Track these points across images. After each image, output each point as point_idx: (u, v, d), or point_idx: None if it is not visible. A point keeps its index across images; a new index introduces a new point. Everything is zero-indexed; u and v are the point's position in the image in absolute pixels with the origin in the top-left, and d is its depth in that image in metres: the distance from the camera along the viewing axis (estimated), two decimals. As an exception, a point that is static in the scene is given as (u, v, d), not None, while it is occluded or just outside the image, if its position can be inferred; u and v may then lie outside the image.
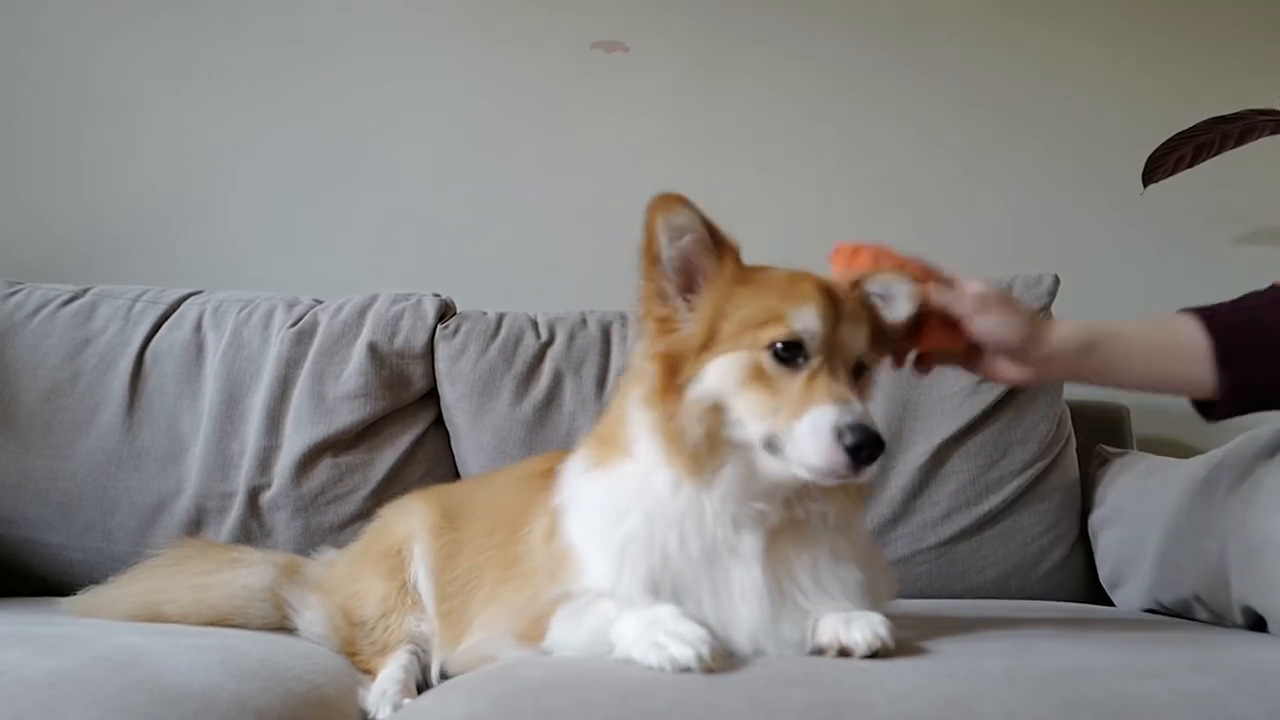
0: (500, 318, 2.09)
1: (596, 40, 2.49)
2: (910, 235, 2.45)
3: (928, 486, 1.93)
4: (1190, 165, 2.19)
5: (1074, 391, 2.08)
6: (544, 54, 2.50)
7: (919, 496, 1.92)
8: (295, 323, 2.03)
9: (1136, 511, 1.78)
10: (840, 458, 1.03)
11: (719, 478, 1.12)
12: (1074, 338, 1.26)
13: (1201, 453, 1.73)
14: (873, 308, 1.19)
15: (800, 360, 1.10)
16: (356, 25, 2.51)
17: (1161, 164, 2.20)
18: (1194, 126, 2.18)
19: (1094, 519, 1.94)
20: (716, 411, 1.12)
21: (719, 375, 1.12)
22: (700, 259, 1.17)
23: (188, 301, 2.09)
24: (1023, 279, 2.04)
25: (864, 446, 1.03)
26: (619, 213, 2.48)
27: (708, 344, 1.13)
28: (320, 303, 2.10)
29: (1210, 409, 1.30)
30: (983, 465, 1.93)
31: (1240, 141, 2.17)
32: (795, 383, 1.09)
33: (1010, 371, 1.28)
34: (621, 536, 1.15)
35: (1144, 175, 2.22)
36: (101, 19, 2.48)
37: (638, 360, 1.19)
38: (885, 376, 1.96)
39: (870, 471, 1.05)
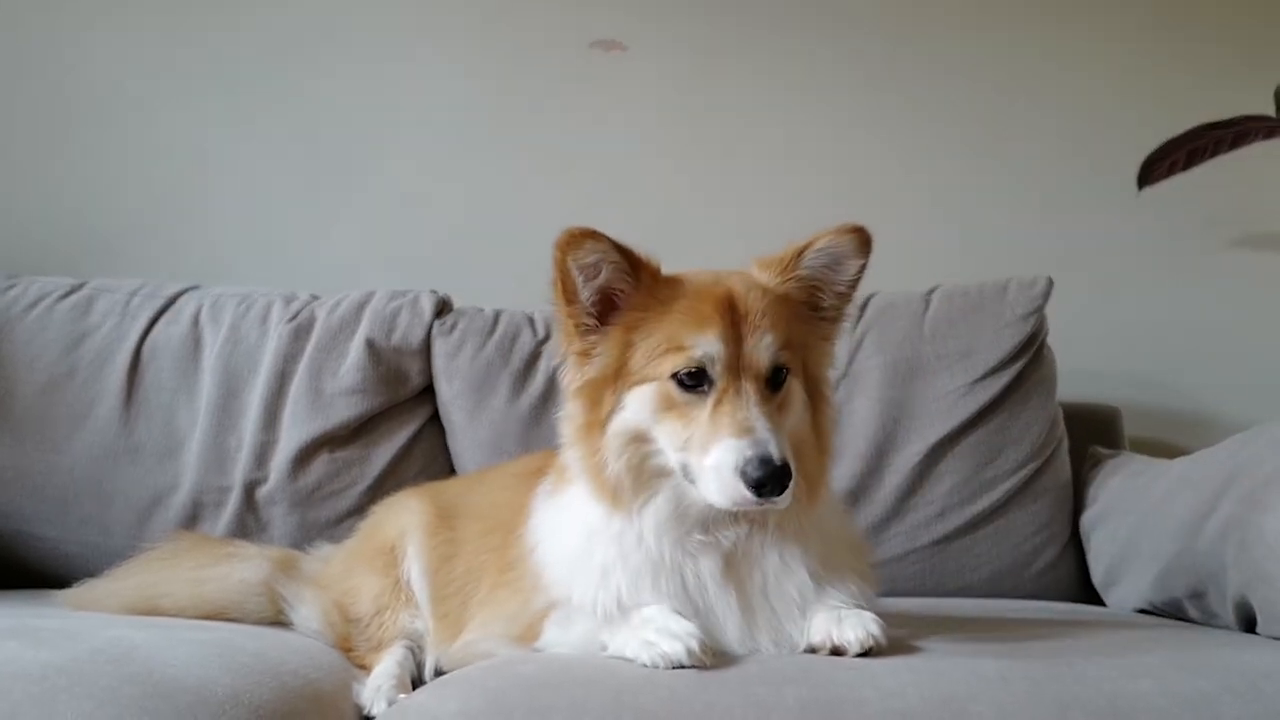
0: (497, 315, 2.09)
1: (594, 39, 2.49)
2: (907, 236, 2.46)
3: (922, 486, 1.93)
4: (1184, 170, 2.20)
5: (1067, 393, 2.09)
6: (542, 53, 2.50)
7: (913, 496, 1.93)
8: (293, 318, 2.03)
9: (1128, 512, 1.79)
10: (745, 494, 1.03)
11: (649, 508, 1.13)
12: None
13: (1191, 453, 1.74)
14: (797, 296, 1.18)
15: (706, 386, 1.09)
16: (355, 23, 2.50)
17: (1156, 168, 2.21)
18: (1188, 131, 2.19)
19: (1086, 519, 1.95)
20: (640, 442, 1.12)
21: (635, 407, 1.12)
22: (618, 284, 1.15)
23: (185, 296, 2.09)
24: (1017, 281, 2.05)
25: (765, 483, 1.02)
26: (617, 210, 2.50)
27: (622, 374, 1.13)
28: (318, 298, 2.10)
29: None
30: (976, 465, 1.94)
31: (1234, 146, 2.18)
32: (703, 411, 1.08)
33: None
34: (568, 553, 1.18)
35: (1138, 179, 2.23)
36: (98, 14, 2.47)
37: (566, 394, 1.19)
38: (880, 374, 1.99)
39: (782, 499, 1.04)
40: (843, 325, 1.25)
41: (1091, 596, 1.92)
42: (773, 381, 1.12)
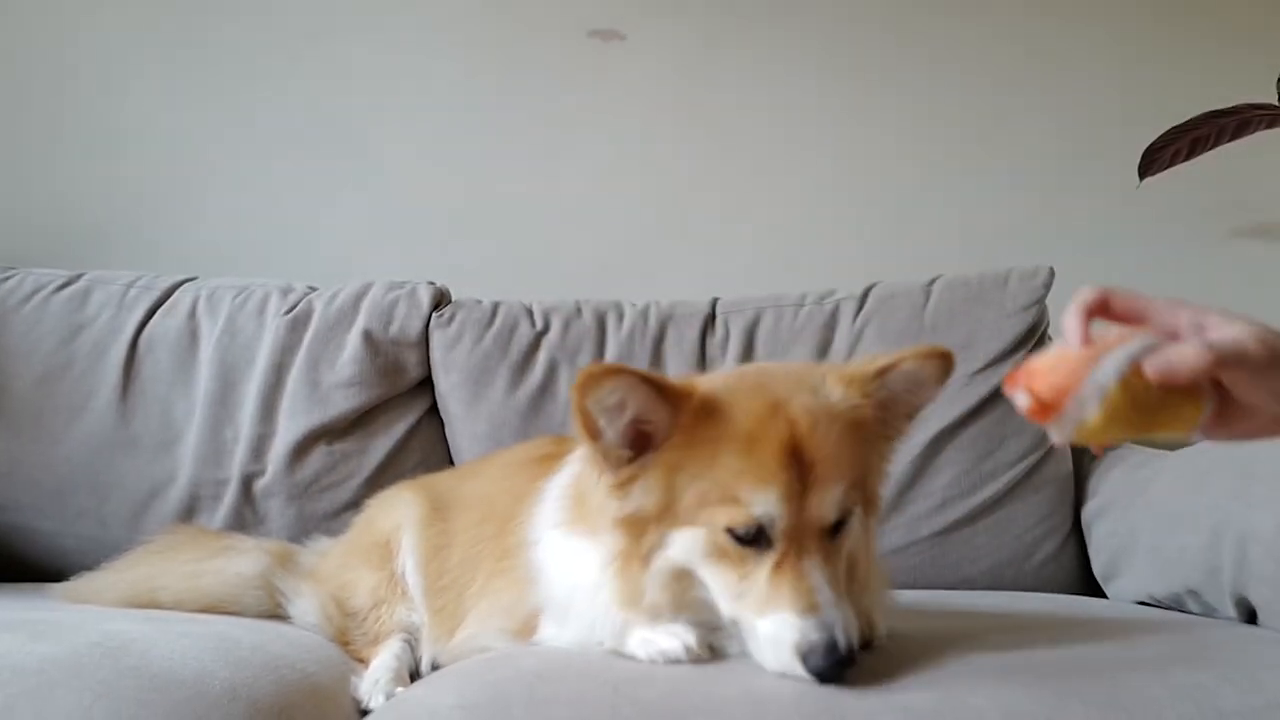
0: (495, 306, 2.09)
1: (593, 29, 2.48)
2: (908, 226, 2.46)
3: (922, 477, 1.93)
4: (1186, 159, 2.19)
5: (1068, 384, 2.08)
6: (540, 42, 2.49)
7: (913, 487, 1.92)
8: (290, 310, 2.02)
9: (1129, 504, 1.78)
10: (801, 675, 0.96)
11: (678, 620, 1.06)
12: None
13: (1193, 445, 1.73)
14: (867, 418, 1.06)
15: (764, 542, 0.99)
16: (352, 12, 2.49)
17: (1158, 157, 2.20)
18: (1190, 120, 2.18)
19: (1087, 511, 1.95)
20: (685, 579, 1.04)
21: (683, 549, 1.02)
22: (651, 417, 1.01)
23: (182, 288, 2.08)
24: (1019, 272, 2.04)
25: (827, 675, 0.94)
26: (615, 202, 2.50)
27: (667, 514, 1.02)
28: (315, 290, 2.09)
29: None
30: (977, 456, 1.93)
31: (1236, 135, 2.17)
32: (760, 568, 0.99)
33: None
34: (572, 584, 1.13)
35: (1140, 169, 2.22)
36: (94, 6, 2.46)
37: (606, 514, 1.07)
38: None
39: (851, 684, 0.96)
40: (900, 444, 1.15)
41: (1092, 589, 1.91)
42: (835, 528, 1.02)
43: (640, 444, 1.02)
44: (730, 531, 0.99)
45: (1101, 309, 0.96)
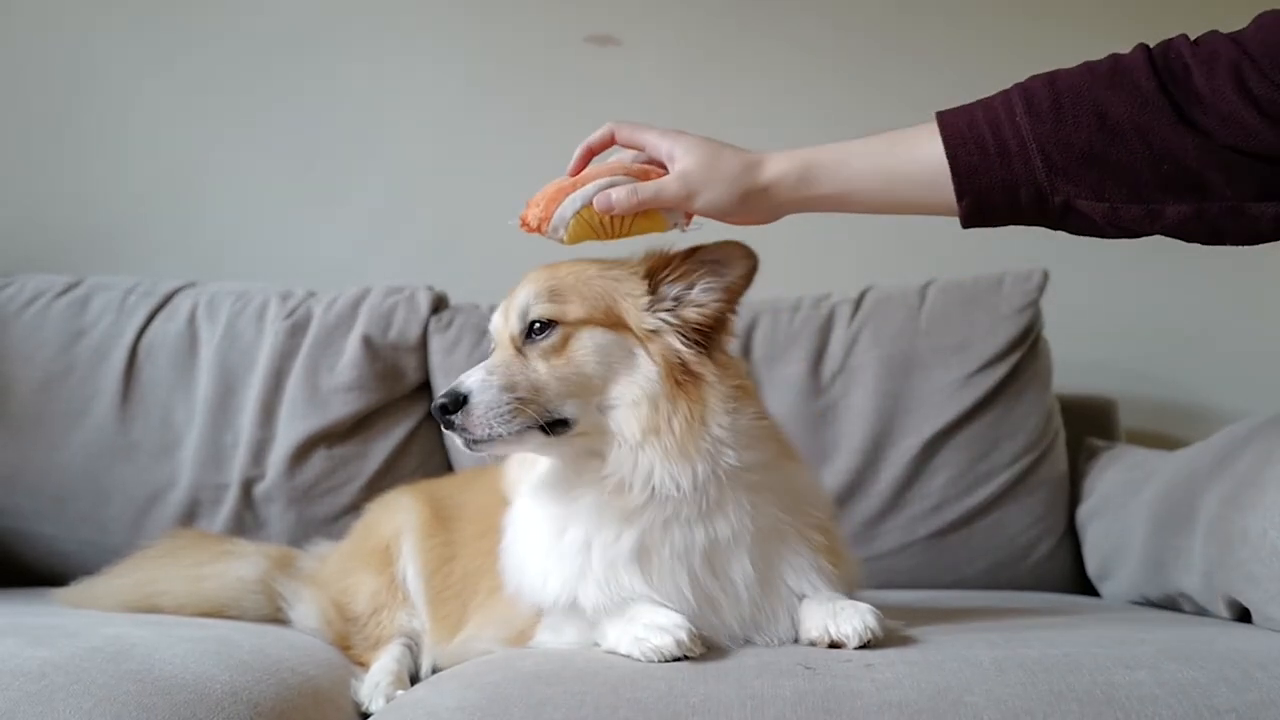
0: (493, 310, 2.09)
1: (589, 34, 2.49)
2: (902, 230, 2.46)
3: (918, 479, 1.94)
4: (1180, 160, 2.19)
5: (1063, 385, 2.09)
6: (536, 48, 2.49)
7: (909, 489, 1.93)
8: (289, 315, 2.03)
9: (1124, 504, 1.79)
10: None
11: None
12: (790, 174, 1.28)
13: (1188, 445, 1.74)
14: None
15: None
16: (349, 18, 2.50)
17: (1151, 159, 2.20)
18: (1184, 122, 2.18)
19: (1082, 511, 1.96)
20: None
21: None
22: None
23: (181, 293, 2.09)
24: (1012, 274, 2.05)
25: (444, 410, 1.10)
26: (612, 206, 2.49)
27: None
28: (314, 295, 2.10)
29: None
30: (972, 458, 1.94)
31: (1229, 137, 2.17)
32: None
33: (743, 221, 1.30)
34: (516, 552, 1.20)
35: (1134, 170, 2.22)
36: (96, 12, 2.47)
37: None
38: (876, 368, 1.99)
39: (472, 432, 1.09)
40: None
41: (1087, 589, 1.92)
42: (532, 331, 1.19)
43: None
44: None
45: (609, 144, 1.32)
